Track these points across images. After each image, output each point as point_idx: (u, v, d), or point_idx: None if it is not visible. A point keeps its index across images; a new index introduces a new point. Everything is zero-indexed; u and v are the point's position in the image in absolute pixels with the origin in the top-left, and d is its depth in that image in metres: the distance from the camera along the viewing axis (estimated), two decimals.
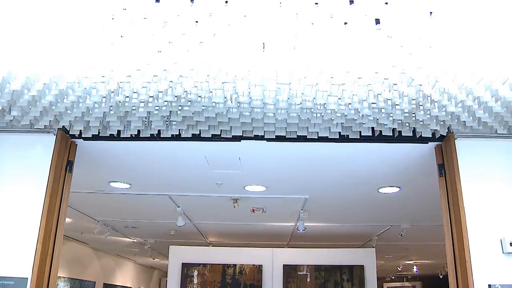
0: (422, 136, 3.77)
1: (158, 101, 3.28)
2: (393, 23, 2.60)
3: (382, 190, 5.45)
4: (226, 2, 2.48)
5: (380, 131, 3.74)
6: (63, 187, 3.90)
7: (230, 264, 7.70)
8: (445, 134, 3.81)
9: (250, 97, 3.19)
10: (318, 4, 2.49)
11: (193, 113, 3.44)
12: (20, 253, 3.45)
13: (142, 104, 3.41)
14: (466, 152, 3.77)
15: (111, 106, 3.37)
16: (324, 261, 7.82)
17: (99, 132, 3.84)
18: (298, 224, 6.66)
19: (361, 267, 7.75)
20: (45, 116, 3.52)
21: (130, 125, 3.75)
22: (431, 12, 2.55)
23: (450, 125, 3.70)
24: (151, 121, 3.65)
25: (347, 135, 3.76)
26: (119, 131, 3.82)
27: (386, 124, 3.65)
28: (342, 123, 3.63)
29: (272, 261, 7.85)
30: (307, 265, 7.74)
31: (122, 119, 3.65)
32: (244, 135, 3.72)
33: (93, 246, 11.95)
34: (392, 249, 10.44)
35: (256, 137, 3.73)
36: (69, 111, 3.48)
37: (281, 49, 2.71)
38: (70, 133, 3.87)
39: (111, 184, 5.46)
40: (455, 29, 2.61)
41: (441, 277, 16.51)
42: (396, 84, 3.04)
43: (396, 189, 5.40)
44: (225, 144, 3.92)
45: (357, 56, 2.77)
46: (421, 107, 3.37)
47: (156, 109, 3.42)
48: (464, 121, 3.52)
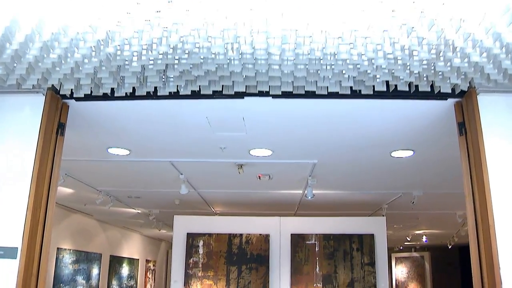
0: (441, 91, 3.47)
1: (152, 52, 2.98)
2: None
3: (395, 154, 5.16)
4: None
5: (395, 86, 3.44)
6: (55, 151, 3.65)
7: (236, 234, 7.48)
8: (466, 90, 3.50)
9: (253, 46, 2.89)
10: None
11: (191, 66, 3.14)
12: (9, 222, 3.25)
13: (135, 57, 3.11)
14: (490, 109, 3.47)
15: (102, 60, 3.08)
16: (333, 230, 7.59)
17: (91, 92, 3.57)
18: (306, 191, 6.40)
19: (371, 236, 7.52)
20: (32, 74, 3.25)
21: (124, 82, 3.47)
22: None
23: (472, 78, 3.39)
24: (146, 76, 3.37)
25: (359, 90, 3.46)
26: (112, 90, 3.55)
27: (402, 78, 3.34)
28: (354, 76, 3.32)
29: (280, 230, 7.63)
30: (316, 234, 7.51)
31: (115, 75, 3.37)
32: (247, 91, 3.42)
33: (98, 218, 11.82)
34: (402, 218, 10.22)
35: (261, 93, 3.43)
36: (57, 68, 3.21)
37: None
38: (60, 93, 3.60)
39: (109, 150, 5.21)
40: None
41: (449, 247, 16.41)
42: (415, 29, 2.73)
43: (410, 153, 5.11)
44: (227, 102, 3.63)
45: None
46: (441, 57, 3.05)
47: (150, 63, 3.12)
48: (488, 74, 3.20)
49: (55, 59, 3.07)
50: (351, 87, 3.42)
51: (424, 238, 14.38)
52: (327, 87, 3.36)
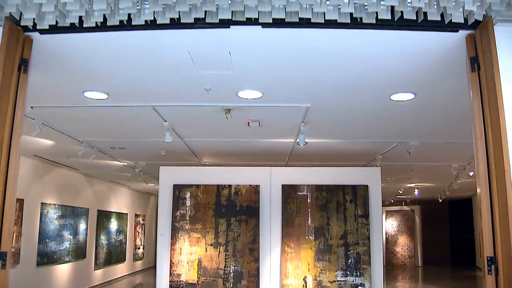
0: (452, 21, 3.07)
1: None
2: None
3: (394, 97, 4.79)
4: None
5: (402, 13, 3.03)
6: (17, 90, 3.23)
7: (225, 185, 7.16)
8: (480, 19, 3.10)
9: None
10: None
11: None
12: None
13: None
14: (507, 41, 3.09)
15: None
16: (325, 181, 7.28)
17: (57, 23, 3.13)
18: (298, 138, 6.05)
19: (365, 187, 7.23)
20: None
21: (93, 10, 3.03)
22: None
23: (490, 4, 2.99)
24: (118, 1, 2.94)
25: (360, 18, 3.04)
26: (81, 19, 3.11)
27: (410, 2, 2.93)
28: (355, 1, 2.91)
29: (270, 181, 7.31)
30: (308, 185, 7.21)
31: (82, 1, 2.94)
32: (234, 19, 3.00)
33: (84, 172, 11.51)
34: (396, 170, 10.00)
35: (249, 22, 3.00)
36: None
37: None
38: (21, 24, 3.15)
39: (86, 94, 4.79)
40: None
41: (440, 201, 16.41)
42: None
43: (411, 96, 4.75)
44: (211, 33, 3.20)
45: None
46: None
47: None
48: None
49: None
50: (351, 14, 3.01)
51: (416, 191, 14.26)
52: (324, 13, 2.95)
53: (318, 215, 7.11)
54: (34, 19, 3.13)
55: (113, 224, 14.14)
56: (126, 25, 3.11)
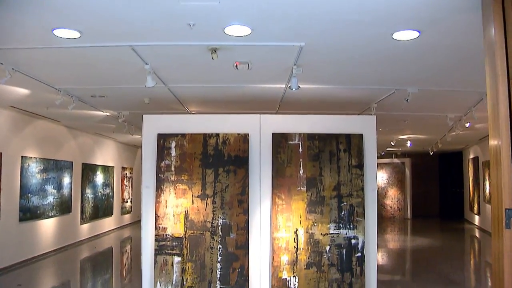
0: None
1: None
2: None
3: (397, 36, 4.37)
4: None
5: None
6: None
7: (212, 134, 6.77)
8: None
9: None
10: None
11: None
12: None
13: None
14: None
15: None
16: (318, 129, 6.90)
17: None
18: (290, 82, 5.63)
19: (360, 136, 6.87)
20: None
21: None
22: None
23: None
24: None
25: None
26: None
27: None
28: None
29: (260, 129, 6.92)
30: (299, 133, 6.83)
31: None
32: None
33: (67, 124, 11.07)
34: (390, 120, 9.68)
35: None
36: None
37: None
38: None
39: (55, 33, 4.32)
40: None
41: (431, 154, 16.28)
42: None
43: (415, 34, 4.33)
44: None
45: None
46: None
47: None
48: None
49: None
50: None
51: (408, 143, 14.02)
52: None
53: (310, 165, 6.78)
54: None
55: (99, 178, 13.80)
56: None
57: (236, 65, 5.31)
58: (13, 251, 8.93)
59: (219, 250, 6.65)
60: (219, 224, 6.68)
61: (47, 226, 10.42)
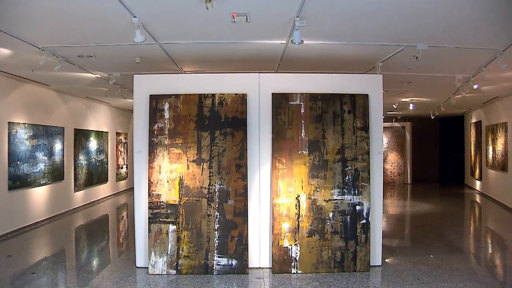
0: None
1: None
2: None
3: None
4: None
5: None
6: None
7: (207, 94, 6.34)
8: None
9: None
10: None
11: None
12: None
13: None
14: None
15: None
16: (321, 89, 6.49)
17: None
18: (293, 35, 5.16)
19: (365, 96, 6.47)
20: None
21: None
22: None
23: None
24: None
25: None
26: None
27: None
28: None
29: (259, 88, 6.50)
30: (301, 93, 6.41)
31: None
32: None
33: (56, 88, 10.60)
34: (394, 81, 9.26)
35: None
36: None
37: None
38: None
39: None
40: None
41: (432, 118, 15.91)
42: None
43: None
44: None
45: None
46: None
47: None
48: None
49: None
50: None
51: (411, 106, 13.61)
52: None
53: (312, 127, 6.39)
54: None
55: (93, 144, 13.40)
56: None
57: (233, 16, 4.83)
58: (3, 220, 8.60)
59: (217, 218, 6.32)
60: (216, 190, 6.33)
61: (39, 194, 10.07)
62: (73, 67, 7.63)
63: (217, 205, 6.31)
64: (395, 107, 13.46)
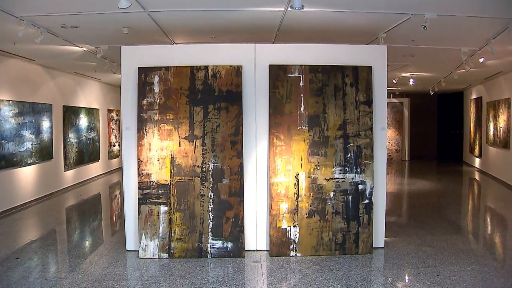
0: None
1: None
2: None
3: None
4: None
5: None
6: None
7: (200, 66, 5.92)
8: None
9: None
10: None
11: None
12: None
13: None
14: None
15: None
16: (321, 60, 6.08)
17: None
18: (292, 0, 4.74)
19: (369, 69, 6.07)
20: None
21: None
22: None
23: None
24: None
25: None
26: None
27: None
28: None
29: (255, 60, 6.09)
30: (300, 65, 5.99)
31: None
32: None
33: (42, 63, 10.14)
34: (396, 54, 8.88)
35: None
36: None
37: None
38: None
39: None
40: None
41: (431, 93, 15.57)
42: None
43: None
44: None
45: None
46: None
47: None
48: None
49: None
50: None
51: (411, 81, 13.23)
52: None
53: (312, 101, 6.00)
54: None
55: (83, 121, 12.97)
56: None
57: None
58: None
59: (211, 198, 5.96)
60: (210, 168, 5.96)
61: (27, 174, 9.69)
62: (57, 39, 7.18)
63: (211, 185, 5.95)
64: (395, 82, 13.09)
